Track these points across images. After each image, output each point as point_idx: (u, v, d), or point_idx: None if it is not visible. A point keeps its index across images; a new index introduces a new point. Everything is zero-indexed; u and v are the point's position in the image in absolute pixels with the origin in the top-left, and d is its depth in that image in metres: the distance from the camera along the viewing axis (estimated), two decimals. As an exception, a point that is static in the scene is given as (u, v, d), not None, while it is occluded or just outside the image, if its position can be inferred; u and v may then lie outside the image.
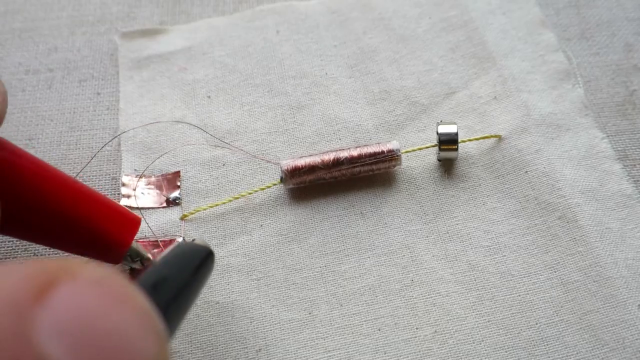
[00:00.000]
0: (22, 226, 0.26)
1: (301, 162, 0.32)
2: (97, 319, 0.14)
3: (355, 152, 0.32)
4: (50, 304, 0.14)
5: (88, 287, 0.15)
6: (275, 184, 0.32)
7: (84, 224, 0.26)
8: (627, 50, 0.37)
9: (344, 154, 0.32)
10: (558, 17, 0.39)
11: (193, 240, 0.26)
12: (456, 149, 0.32)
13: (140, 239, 0.31)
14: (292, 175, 0.32)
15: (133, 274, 0.30)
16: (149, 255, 0.30)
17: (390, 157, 0.32)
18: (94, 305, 0.14)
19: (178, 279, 0.21)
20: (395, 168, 0.33)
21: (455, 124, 0.33)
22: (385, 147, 0.32)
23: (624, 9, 0.39)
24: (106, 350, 0.14)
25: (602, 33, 0.38)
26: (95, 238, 0.27)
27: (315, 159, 0.32)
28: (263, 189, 0.32)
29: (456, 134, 0.32)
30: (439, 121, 0.33)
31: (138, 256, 0.29)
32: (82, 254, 0.28)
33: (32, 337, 0.13)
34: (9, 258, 0.31)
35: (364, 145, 0.32)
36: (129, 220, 0.28)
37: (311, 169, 0.32)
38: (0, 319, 0.13)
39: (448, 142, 0.32)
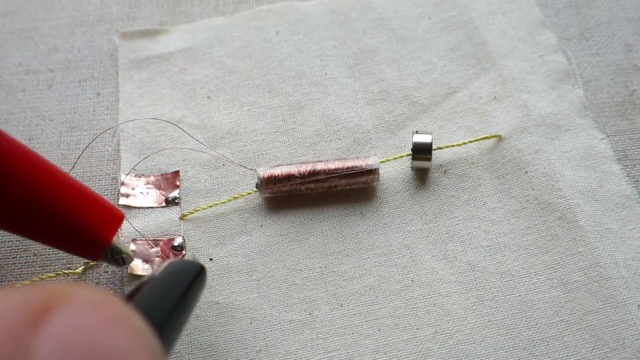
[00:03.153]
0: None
1: (277, 171, 0.31)
2: (94, 341, 0.14)
3: (333, 165, 0.32)
4: (47, 330, 0.14)
5: (84, 310, 0.15)
6: (250, 193, 0.32)
7: (63, 214, 0.25)
8: (627, 50, 0.37)
9: (320, 166, 0.32)
10: (558, 17, 0.39)
11: (183, 256, 0.27)
12: (429, 159, 0.32)
13: (137, 238, 0.31)
14: (268, 183, 0.31)
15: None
16: (130, 252, 0.28)
17: (368, 171, 0.32)
18: (91, 327, 0.14)
19: (171, 298, 0.21)
20: (374, 184, 0.32)
21: (431, 134, 0.32)
22: (363, 162, 0.32)
23: (624, 9, 0.39)
24: None
25: (602, 33, 0.38)
26: (74, 230, 0.25)
27: (292, 169, 0.31)
28: (236, 197, 0.32)
29: (430, 144, 0.32)
30: (415, 130, 0.33)
31: (119, 253, 0.27)
32: (60, 247, 0.27)
33: None
34: (9, 258, 0.31)
35: (343, 159, 0.32)
36: (112, 215, 0.27)
37: (287, 177, 0.31)
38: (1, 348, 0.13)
39: (421, 151, 0.32)
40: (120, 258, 0.28)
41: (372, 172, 0.32)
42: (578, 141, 0.34)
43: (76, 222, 0.25)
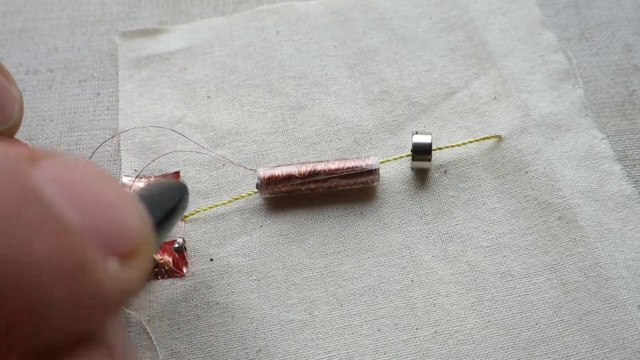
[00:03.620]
0: None
1: (277, 171, 0.31)
2: (85, 181, 0.16)
3: (333, 165, 0.32)
4: (41, 165, 0.15)
5: (69, 163, 0.16)
6: (250, 194, 0.32)
7: None
8: (627, 50, 0.37)
9: (321, 166, 0.32)
10: (558, 17, 0.39)
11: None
12: (429, 159, 0.32)
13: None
14: (268, 183, 0.31)
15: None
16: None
17: (368, 172, 0.32)
18: (80, 174, 0.16)
19: (162, 208, 0.22)
20: (374, 184, 0.32)
21: (430, 134, 0.32)
22: (363, 162, 0.32)
23: (624, 9, 0.39)
24: (97, 202, 0.16)
25: (602, 33, 0.38)
26: None
27: (292, 169, 0.32)
28: (237, 198, 0.32)
29: (430, 144, 0.32)
30: (414, 131, 0.33)
31: None
32: None
33: (33, 183, 0.14)
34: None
35: (343, 159, 0.32)
36: None
37: (287, 178, 0.31)
38: (3, 172, 0.14)
39: (421, 152, 0.32)
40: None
41: (372, 172, 0.32)
42: (578, 141, 0.34)
43: None
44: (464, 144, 0.33)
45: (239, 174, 0.33)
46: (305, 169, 0.31)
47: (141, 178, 0.33)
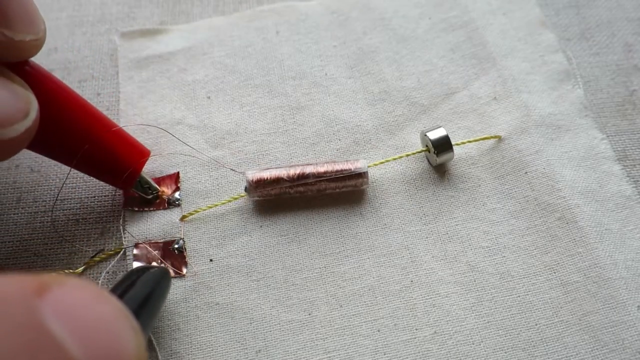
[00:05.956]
0: (46, 141, 0.29)
1: (266, 174, 0.31)
2: (87, 309, 0.18)
3: (322, 168, 0.32)
4: (48, 298, 0.17)
5: (75, 289, 0.18)
6: (241, 196, 0.32)
7: (100, 146, 0.30)
8: (627, 50, 0.37)
9: (310, 169, 0.32)
10: (558, 17, 0.39)
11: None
12: (452, 150, 0.32)
13: (142, 241, 0.31)
14: (257, 186, 0.31)
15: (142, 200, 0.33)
16: (158, 187, 0.33)
17: (357, 175, 0.31)
18: (83, 300, 0.18)
19: (140, 293, 0.26)
20: (363, 187, 0.32)
21: (441, 126, 0.32)
22: (352, 165, 0.32)
23: (624, 9, 0.39)
24: (97, 332, 0.18)
25: (602, 33, 0.38)
26: (109, 161, 0.30)
27: (281, 172, 0.31)
28: (226, 202, 0.32)
29: (447, 137, 0.32)
30: (424, 129, 0.33)
31: (148, 184, 0.32)
32: (98, 176, 0.31)
33: (40, 320, 0.16)
34: (9, 259, 0.31)
35: (333, 162, 0.32)
36: (140, 151, 0.32)
37: (275, 181, 0.31)
38: (14, 309, 0.16)
39: (443, 145, 0.32)
40: (148, 187, 0.32)
41: (361, 175, 0.31)
42: (578, 141, 0.34)
43: (109, 153, 0.30)
44: (464, 143, 0.33)
45: (238, 175, 0.33)
46: (294, 171, 0.31)
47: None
